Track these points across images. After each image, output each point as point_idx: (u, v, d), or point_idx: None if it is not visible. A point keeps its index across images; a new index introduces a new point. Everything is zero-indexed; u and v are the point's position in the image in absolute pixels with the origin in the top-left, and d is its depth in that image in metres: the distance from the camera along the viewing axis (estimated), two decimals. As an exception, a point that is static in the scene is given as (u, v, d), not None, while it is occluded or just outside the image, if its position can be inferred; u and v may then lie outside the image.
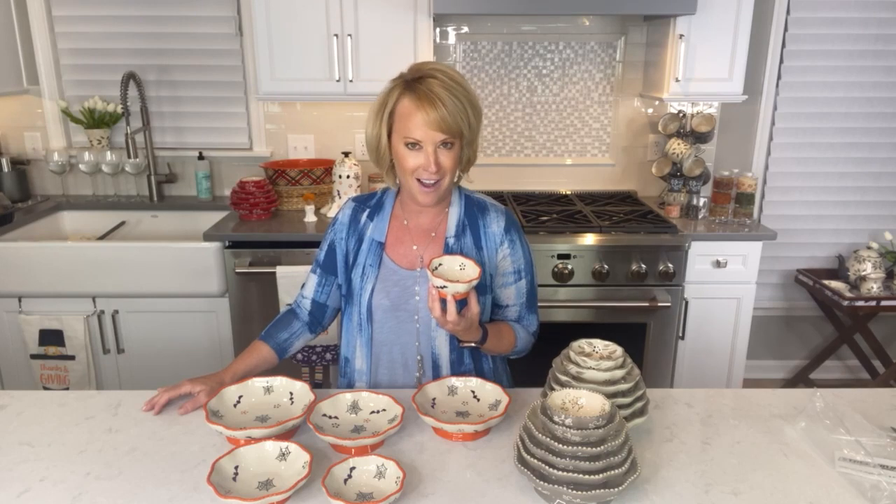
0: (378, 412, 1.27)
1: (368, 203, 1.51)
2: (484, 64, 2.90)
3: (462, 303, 1.26)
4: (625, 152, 3.01)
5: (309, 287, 1.54)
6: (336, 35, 2.51)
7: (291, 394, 1.31)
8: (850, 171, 2.99)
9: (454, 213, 1.46)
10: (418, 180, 1.35)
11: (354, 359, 1.48)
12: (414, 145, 1.32)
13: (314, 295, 1.53)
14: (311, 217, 2.58)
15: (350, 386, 1.51)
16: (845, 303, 2.74)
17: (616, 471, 1.00)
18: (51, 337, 2.48)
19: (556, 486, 0.99)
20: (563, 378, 1.20)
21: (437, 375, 1.45)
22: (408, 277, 1.44)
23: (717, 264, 2.53)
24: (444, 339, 1.44)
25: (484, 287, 1.45)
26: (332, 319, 1.58)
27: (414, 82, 1.32)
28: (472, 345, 1.38)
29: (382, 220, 1.48)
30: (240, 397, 1.29)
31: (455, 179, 1.44)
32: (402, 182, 1.40)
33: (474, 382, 1.34)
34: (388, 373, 1.48)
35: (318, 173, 2.76)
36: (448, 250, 1.43)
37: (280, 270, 2.39)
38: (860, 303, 2.74)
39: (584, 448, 0.99)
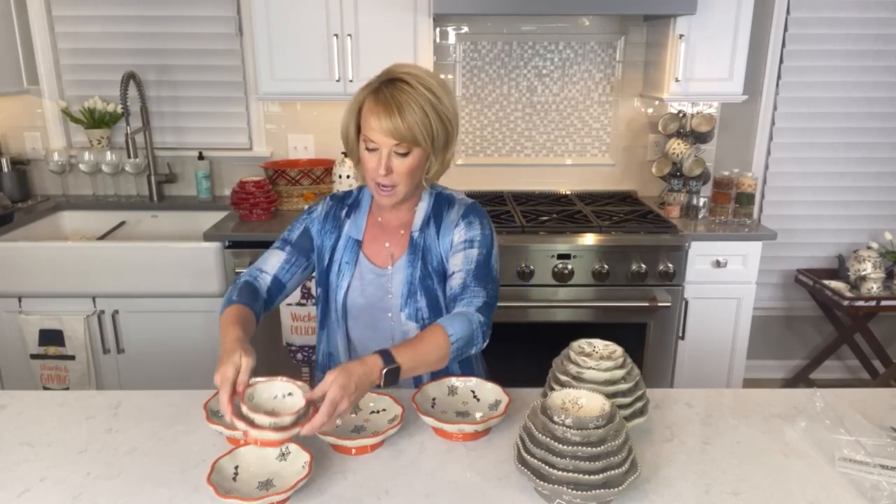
0: (378, 412, 1.27)
1: (346, 201, 1.52)
2: (484, 64, 2.90)
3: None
4: (625, 152, 3.01)
5: (272, 263, 1.44)
6: (336, 35, 2.51)
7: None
8: (850, 171, 2.99)
9: (422, 209, 1.46)
10: (376, 182, 1.36)
11: (338, 354, 1.49)
12: (372, 148, 1.33)
13: (277, 272, 1.43)
14: (311, 217, 2.58)
15: None
16: (845, 303, 2.74)
17: (616, 471, 1.00)
18: (51, 337, 2.48)
19: (556, 486, 0.99)
20: (563, 378, 1.20)
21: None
22: (382, 275, 1.45)
23: (717, 264, 2.53)
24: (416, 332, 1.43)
25: (443, 274, 1.44)
26: (279, 303, 1.48)
27: (382, 85, 1.32)
28: (392, 367, 1.17)
29: (360, 218, 1.48)
30: (240, 397, 1.29)
31: (422, 185, 1.42)
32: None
33: (474, 382, 1.34)
34: None
35: (318, 173, 2.76)
36: (412, 244, 1.44)
37: (280, 270, 2.39)
38: (860, 303, 2.74)
39: (584, 448, 0.99)
